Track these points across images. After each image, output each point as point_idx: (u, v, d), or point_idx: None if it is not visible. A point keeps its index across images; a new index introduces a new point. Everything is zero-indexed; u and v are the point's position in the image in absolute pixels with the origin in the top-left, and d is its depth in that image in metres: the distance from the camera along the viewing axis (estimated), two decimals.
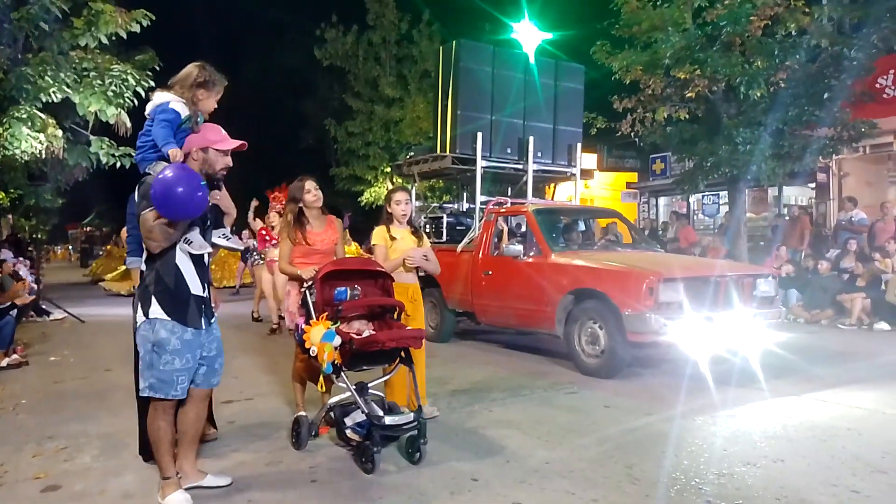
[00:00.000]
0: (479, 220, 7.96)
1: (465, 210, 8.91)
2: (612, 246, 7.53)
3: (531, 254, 6.76)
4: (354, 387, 3.63)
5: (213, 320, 3.20)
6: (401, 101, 20.39)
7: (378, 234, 4.48)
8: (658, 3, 10.44)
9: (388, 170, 20.25)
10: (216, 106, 3.32)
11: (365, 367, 3.79)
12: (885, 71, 11.99)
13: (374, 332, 3.78)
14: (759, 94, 9.71)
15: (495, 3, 18.24)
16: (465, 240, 7.90)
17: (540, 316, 6.51)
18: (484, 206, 8.03)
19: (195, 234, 3.05)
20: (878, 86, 11.97)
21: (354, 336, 3.61)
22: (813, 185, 14.34)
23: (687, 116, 11.09)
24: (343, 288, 3.83)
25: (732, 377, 5.57)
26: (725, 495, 3.17)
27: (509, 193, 9.38)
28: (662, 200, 19.31)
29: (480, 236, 7.58)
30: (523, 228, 7.26)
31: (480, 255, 7.41)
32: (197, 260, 3.08)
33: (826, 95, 9.99)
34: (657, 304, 5.47)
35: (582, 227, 7.97)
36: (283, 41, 28.20)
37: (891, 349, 7.42)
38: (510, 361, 6.77)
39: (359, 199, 21.31)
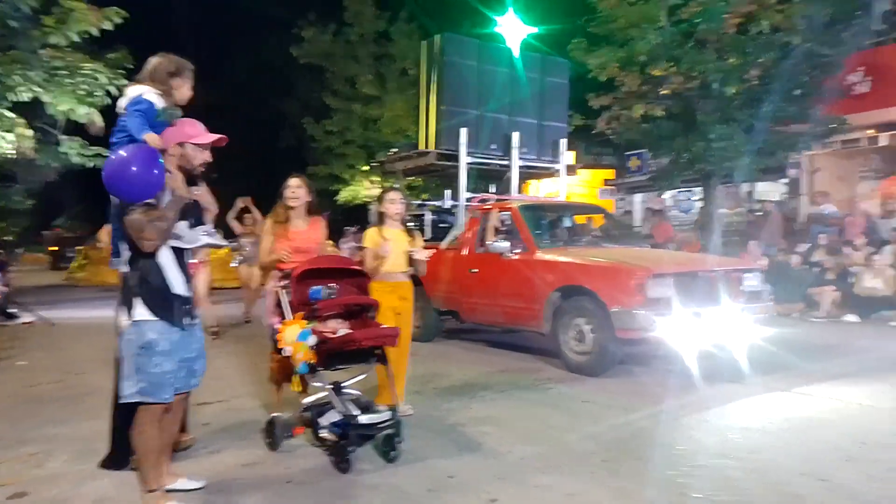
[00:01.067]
0: (464, 218, 7.89)
1: (448, 207, 8.81)
2: (599, 242, 7.47)
3: (517, 250, 6.68)
4: (330, 386, 3.60)
5: (196, 321, 3.14)
6: (379, 100, 20.31)
7: (369, 237, 4.42)
8: (634, 1, 10.53)
9: (366, 168, 20.13)
10: (191, 93, 3.27)
11: (341, 367, 3.76)
12: (855, 67, 12.20)
13: (350, 331, 3.75)
14: (733, 91, 9.84)
15: None
16: (449, 237, 7.83)
17: (527, 313, 6.46)
18: (468, 203, 7.98)
19: (184, 229, 3.01)
20: (848, 82, 12.17)
21: (330, 335, 3.58)
22: (785, 180, 14.56)
23: (663, 113, 11.19)
24: (318, 287, 3.79)
25: (714, 372, 5.59)
26: (702, 487, 3.21)
27: (493, 190, 9.34)
28: (639, 197, 19.46)
29: (465, 233, 7.52)
30: (508, 224, 7.22)
31: (465, 253, 7.35)
32: (179, 259, 3.04)
33: (798, 92, 10.16)
34: (646, 300, 5.42)
35: (568, 223, 7.93)
36: (261, 40, 27.95)
37: (865, 342, 7.55)
38: (493, 359, 6.76)
39: (335, 198, 21.16)
